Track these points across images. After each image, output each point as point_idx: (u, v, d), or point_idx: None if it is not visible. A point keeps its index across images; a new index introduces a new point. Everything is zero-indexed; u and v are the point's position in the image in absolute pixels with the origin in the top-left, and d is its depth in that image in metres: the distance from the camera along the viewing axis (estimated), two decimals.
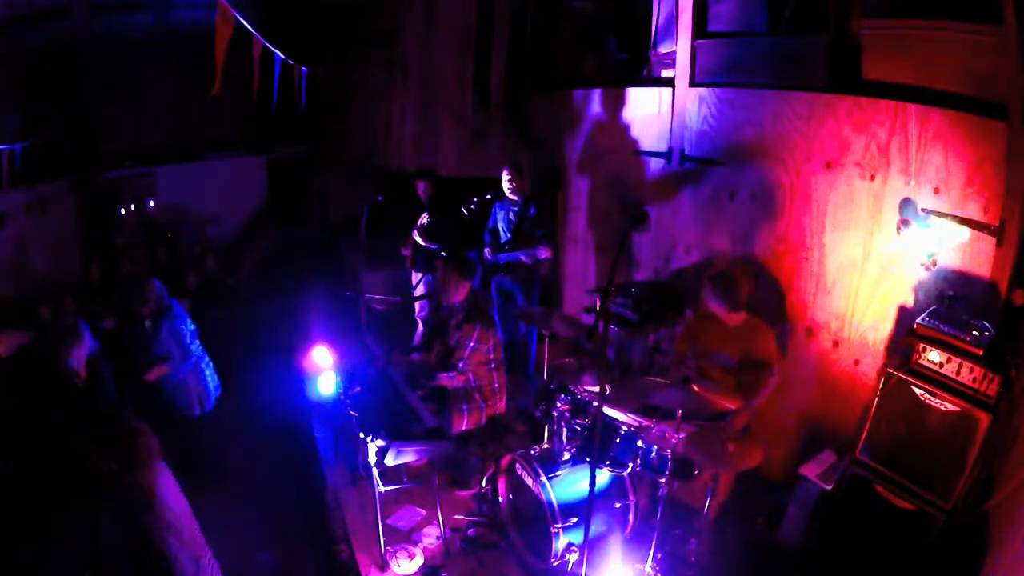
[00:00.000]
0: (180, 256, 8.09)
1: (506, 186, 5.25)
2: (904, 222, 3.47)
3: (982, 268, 3.26)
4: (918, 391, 3.09)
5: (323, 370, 4.00)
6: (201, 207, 8.40)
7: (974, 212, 3.26)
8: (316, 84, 6.90)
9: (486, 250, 5.40)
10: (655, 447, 3.33)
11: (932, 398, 3.04)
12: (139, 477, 2.39)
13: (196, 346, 4.36)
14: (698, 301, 4.76)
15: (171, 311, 4.25)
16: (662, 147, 5.02)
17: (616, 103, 5.53)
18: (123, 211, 7.64)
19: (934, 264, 3.36)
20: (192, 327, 4.35)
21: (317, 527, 4.02)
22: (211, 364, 4.49)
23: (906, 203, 3.53)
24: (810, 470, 3.62)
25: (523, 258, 5.26)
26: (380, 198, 6.06)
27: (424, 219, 5.69)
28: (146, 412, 4.08)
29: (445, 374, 3.94)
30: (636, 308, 4.84)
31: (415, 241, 5.74)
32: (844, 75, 3.93)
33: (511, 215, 5.31)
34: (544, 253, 5.20)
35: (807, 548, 3.57)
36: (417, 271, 5.83)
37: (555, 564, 3.38)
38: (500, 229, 5.40)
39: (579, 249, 6.17)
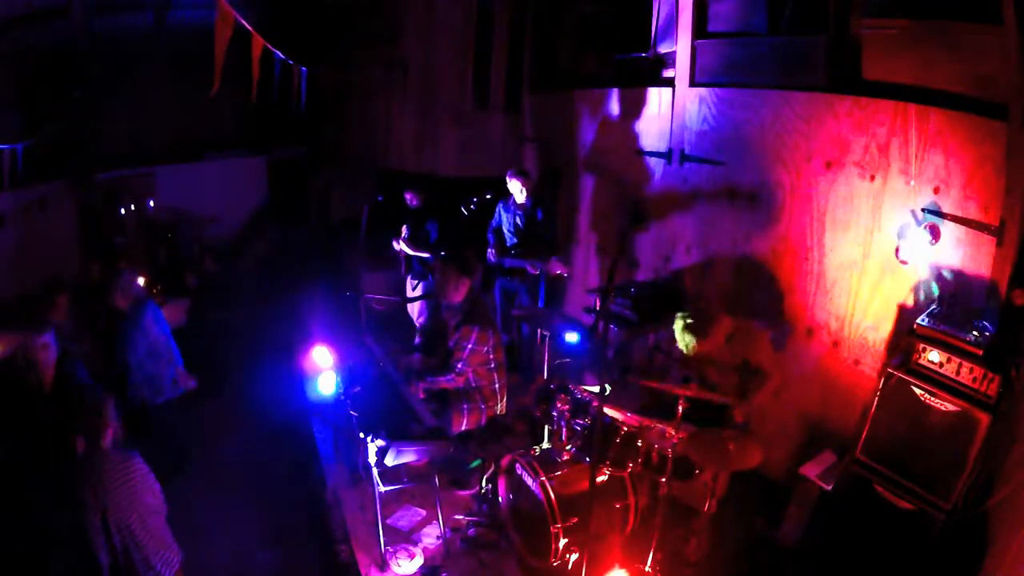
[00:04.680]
0: (180, 256, 8.09)
1: (519, 195, 5.21)
2: (898, 251, 3.50)
3: (982, 268, 3.25)
4: (918, 391, 3.09)
5: (323, 370, 4.00)
6: (201, 207, 8.40)
7: (974, 212, 3.26)
8: (316, 84, 6.90)
9: (490, 251, 5.37)
10: (655, 447, 3.33)
11: (932, 398, 3.04)
12: (100, 442, 2.57)
13: (168, 337, 4.47)
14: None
15: (146, 302, 4.38)
16: (662, 147, 5.02)
17: (616, 103, 5.53)
18: (123, 211, 7.64)
19: (937, 237, 3.33)
20: (162, 318, 4.47)
21: (317, 527, 4.02)
22: (179, 358, 4.59)
23: (904, 227, 3.55)
24: (810, 470, 3.62)
25: (528, 268, 5.21)
26: (380, 198, 6.07)
27: (404, 231, 5.70)
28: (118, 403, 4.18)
29: (443, 376, 3.94)
30: (636, 308, 4.84)
31: (403, 251, 5.75)
32: (844, 75, 3.93)
33: (518, 219, 5.28)
34: (558, 268, 5.15)
35: (807, 548, 3.56)
36: (412, 278, 5.83)
37: (555, 564, 3.38)
38: (505, 232, 5.37)
39: (579, 249, 6.17)
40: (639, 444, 3.41)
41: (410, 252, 5.68)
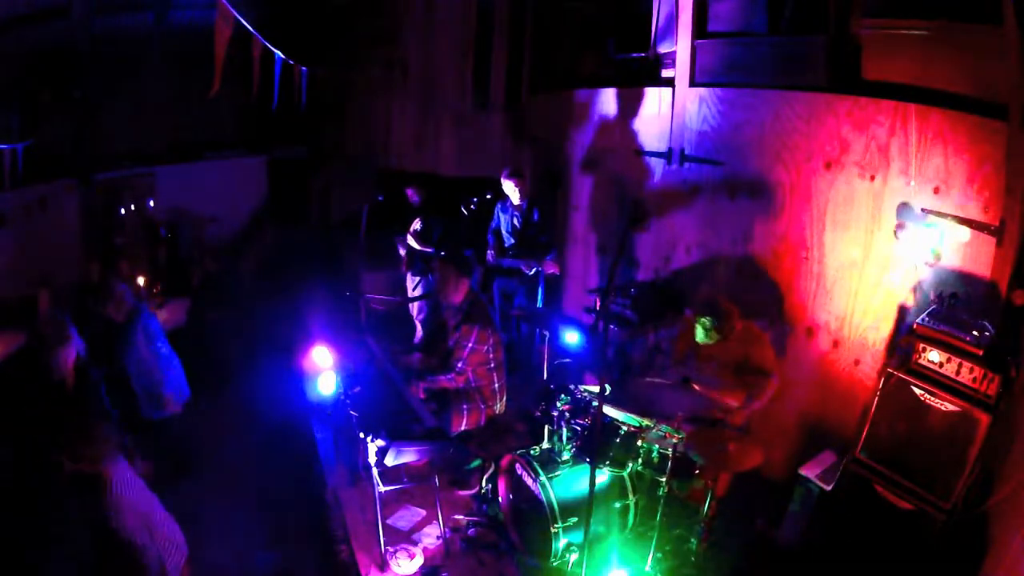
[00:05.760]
0: (180, 256, 8.09)
1: (513, 195, 5.25)
2: (900, 226, 3.47)
3: (982, 268, 3.25)
4: (918, 391, 3.09)
5: (323, 370, 4.00)
6: (201, 207, 8.39)
7: (974, 212, 3.26)
8: (316, 84, 6.90)
9: (489, 252, 5.39)
10: (655, 447, 3.33)
11: (932, 398, 3.04)
12: (96, 469, 2.49)
13: (166, 346, 4.36)
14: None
15: (142, 313, 4.26)
16: (662, 147, 5.02)
17: (616, 103, 5.52)
18: (123, 211, 7.64)
19: (938, 260, 3.34)
20: (158, 327, 4.35)
21: (317, 527, 4.02)
22: (180, 365, 4.48)
23: (903, 207, 3.54)
24: (810, 470, 3.62)
25: (523, 268, 5.25)
26: (380, 198, 6.08)
27: (417, 224, 5.69)
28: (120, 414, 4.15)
29: (444, 376, 3.94)
30: (636, 308, 4.84)
31: (410, 245, 5.75)
32: (844, 75, 3.93)
33: (515, 220, 5.31)
34: (551, 268, 5.20)
35: (807, 548, 3.56)
36: (414, 275, 5.84)
37: (555, 564, 3.38)
38: (503, 233, 5.39)
39: (579, 249, 6.16)
40: (639, 444, 3.40)
41: (417, 247, 5.68)
